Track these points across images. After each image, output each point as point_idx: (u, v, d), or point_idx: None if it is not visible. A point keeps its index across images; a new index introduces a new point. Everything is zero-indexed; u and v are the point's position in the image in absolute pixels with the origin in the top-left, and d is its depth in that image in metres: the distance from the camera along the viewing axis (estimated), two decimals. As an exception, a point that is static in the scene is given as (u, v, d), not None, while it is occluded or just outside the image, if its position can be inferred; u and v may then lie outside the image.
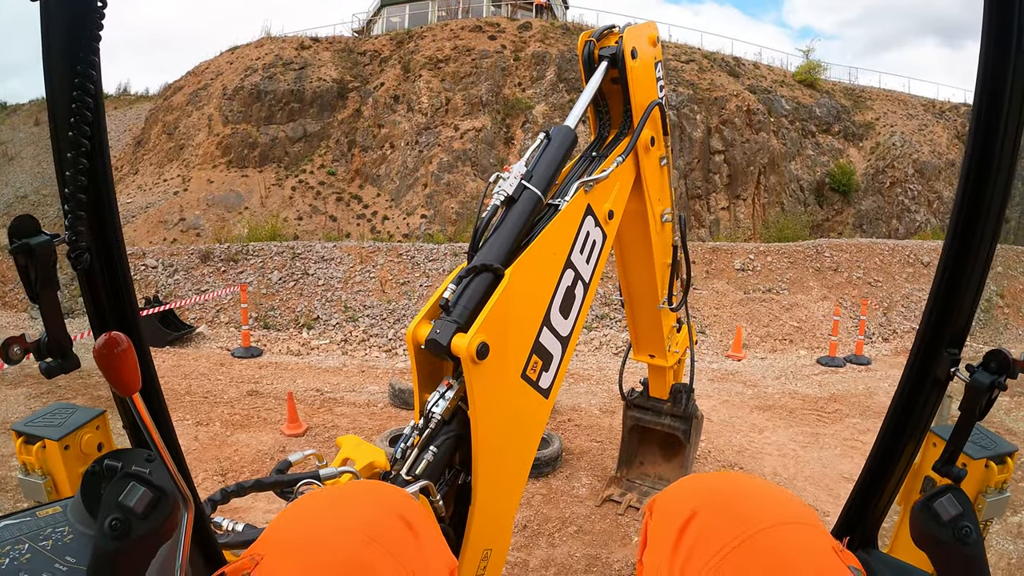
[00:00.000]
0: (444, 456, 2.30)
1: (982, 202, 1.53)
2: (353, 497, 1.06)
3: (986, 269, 1.60)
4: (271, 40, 28.59)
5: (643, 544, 1.17)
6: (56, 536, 1.15)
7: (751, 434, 8.21)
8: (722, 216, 23.83)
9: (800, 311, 14.28)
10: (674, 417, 5.92)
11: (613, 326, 13.49)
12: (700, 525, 1.02)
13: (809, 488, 6.68)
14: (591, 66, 3.56)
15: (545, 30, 27.05)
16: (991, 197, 1.52)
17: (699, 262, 15.24)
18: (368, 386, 10.12)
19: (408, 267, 14.81)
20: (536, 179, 2.68)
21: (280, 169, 24.80)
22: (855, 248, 16.52)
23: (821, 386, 10.78)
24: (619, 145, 3.48)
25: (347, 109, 26.13)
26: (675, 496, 1.14)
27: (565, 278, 2.74)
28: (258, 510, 5.63)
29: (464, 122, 24.12)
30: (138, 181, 25.54)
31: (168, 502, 0.84)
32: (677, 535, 1.03)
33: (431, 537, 1.05)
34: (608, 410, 8.90)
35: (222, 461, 6.93)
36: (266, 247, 15.26)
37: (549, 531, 5.64)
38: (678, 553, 1.02)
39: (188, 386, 9.62)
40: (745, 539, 0.95)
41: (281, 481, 2.04)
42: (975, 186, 1.52)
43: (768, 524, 0.97)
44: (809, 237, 19.37)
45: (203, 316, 13.51)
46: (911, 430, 1.78)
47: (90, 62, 1.05)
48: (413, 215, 22.57)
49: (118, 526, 0.82)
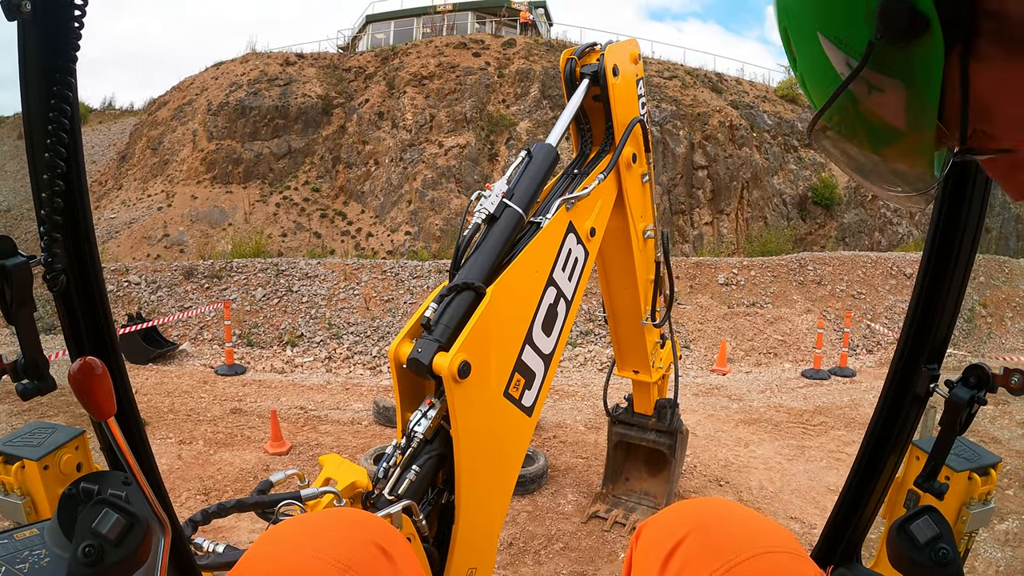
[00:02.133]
0: (427, 475, 2.29)
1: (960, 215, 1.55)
2: (329, 525, 1.06)
3: (964, 283, 1.62)
4: (256, 56, 28.61)
5: (627, 569, 1.17)
6: (33, 559, 1.14)
7: (737, 448, 8.22)
8: (705, 231, 23.97)
9: (784, 324, 14.35)
10: (659, 432, 5.92)
11: (597, 342, 13.50)
12: (685, 554, 1.02)
13: (795, 501, 6.69)
14: (573, 83, 3.58)
15: (529, 47, 27.22)
16: (968, 212, 1.54)
17: (683, 277, 15.30)
18: (352, 404, 10.06)
19: (392, 284, 14.78)
20: (518, 197, 2.69)
21: (264, 185, 24.76)
22: (838, 261, 16.64)
23: (806, 399, 10.81)
24: (601, 162, 3.50)
25: (332, 125, 26.16)
26: (661, 524, 1.14)
27: (547, 296, 2.74)
28: (242, 530, 5.57)
29: (448, 139, 24.19)
30: (122, 196, 25.43)
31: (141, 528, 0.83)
32: (663, 562, 1.04)
33: (409, 565, 1.04)
34: (593, 426, 8.88)
35: (205, 480, 6.86)
36: (250, 264, 15.19)
37: (535, 548, 5.61)
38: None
39: (171, 404, 9.52)
40: (730, 568, 0.95)
41: (262, 502, 2.02)
42: (952, 202, 1.54)
43: (753, 553, 0.97)
44: (792, 251, 19.50)
45: (186, 333, 13.40)
46: (892, 445, 1.79)
47: (67, 83, 1.06)
48: (397, 232, 22.57)
49: (91, 553, 0.81)
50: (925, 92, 0.69)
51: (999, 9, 0.61)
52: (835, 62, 0.74)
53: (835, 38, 0.72)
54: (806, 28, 0.76)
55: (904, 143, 0.78)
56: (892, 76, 0.70)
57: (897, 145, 0.79)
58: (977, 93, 0.67)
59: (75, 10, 1.04)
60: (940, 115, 0.70)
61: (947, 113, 0.70)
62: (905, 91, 0.71)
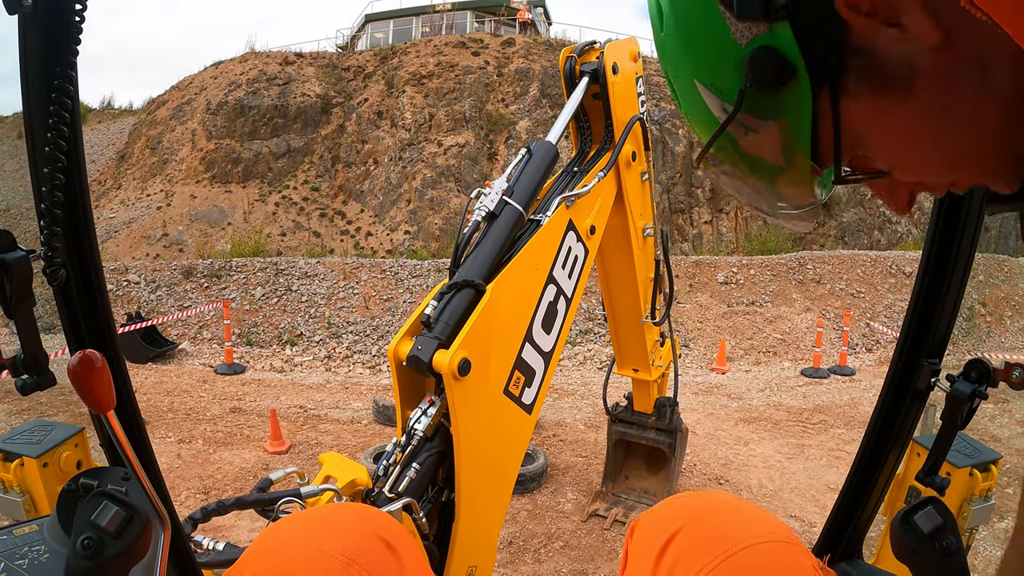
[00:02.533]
0: (427, 473, 2.29)
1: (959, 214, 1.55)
2: (334, 519, 1.06)
3: (964, 279, 1.62)
4: (255, 55, 28.58)
5: (624, 565, 1.17)
6: (32, 555, 1.14)
7: (736, 447, 8.22)
8: (705, 230, 23.96)
9: (784, 323, 14.35)
10: (659, 431, 5.92)
11: (597, 341, 13.50)
12: (681, 545, 1.02)
13: (795, 499, 6.69)
14: (572, 82, 3.57)
15: (528, 46, 27.20)
16: (967, 210, 1.54)
17: (682, 276, 15.29)
18: (352, 403, 10.06)
19: (392, 283, 14.77)
20: (518, 194, 2.68)
21: (263, 185, 24.74)
22: (837, 260, 16.63)
23: (806, 397, 10.82)
24: (600, 160, 3.50)
25: (331, 125, 26.13)
26: (656, 517, 1.14)
27: (547, 293, 2.74)
28: (242, 528, 5.56)
29: (447, 138, 24.17)
30: (121, 196, 25.40)
31: (140, 521, 0.83)
32: (658, 555, 1.04)
33: (413, 560, 1.04)
34: (593, 425, 8.88)
35: (205, 479, 6.86)
36: (249, 263, 15.17)
37: (535, 547, 5.61)
38: (659, 572, 1.02)
39: (170, 403, 9.52)
40: (726, 558, 0.95)
41: (262, 499, 2.02)
42: (951, 198, 1.54)
43: (749, 543, 0.97)
44: (792, 250, 19.48)
45: (186, 332, 13.39)
46: (893, 440, 1.80)
47: (67, 77, 1.05)
48: (397, 231, 22.55)
49: (90, 545, 0.81)
50: (796, 131, 0.74)
51: (868, 48, 0.65)
52: (712, 107, 0.79)
53: (710, 85, 0.77)
54: (684, 75, 0.80)
55: (782, 175, 0.83)
56: (764, 119, 0.75)
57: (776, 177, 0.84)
58: (849, 126, 0.72)
59: (76, 4, 1.03)
60: (817, 147, 0.75)
61: (822, 147, 0.75)
62: (778, 131, 0.76)
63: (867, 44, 0.65)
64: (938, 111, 0.67)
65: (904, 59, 0.64)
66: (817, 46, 0.67)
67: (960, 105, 0.66)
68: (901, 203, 0.85)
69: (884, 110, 0.69)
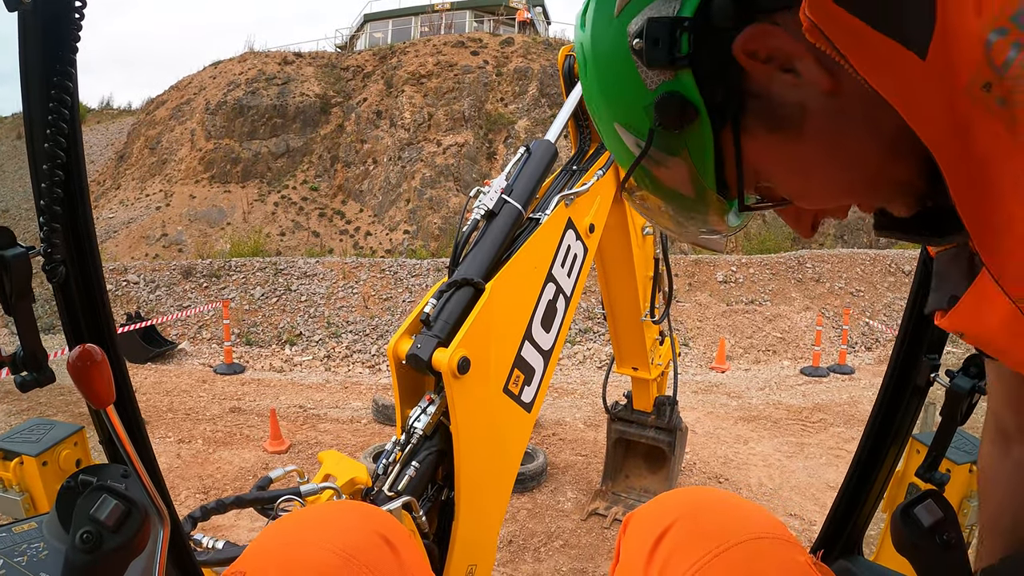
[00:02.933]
0: (426, 471, 2.28)
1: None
2: (335, 516, 1.06)
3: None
4: (254, 55, 28.56)
5: (616, 559, 1.17)
6: (31, 552, 1.14)
7: (736, 445, 8.22)
8: (704, 229, 23.92)
9: (783, 322, 14.35)
10: (658, 429, 5.91)
11: (596, 340, 13.50)
12: (673, 540, 1.02)
13: (795, 498, 6.69)
14: (571, 80, 3.57)
15: (527, 45, 27.19)
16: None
17: (681, 275, 15.30)
18: (351, 402, 10.06)
19: (391, 283, 14.77)
20: (517, 193, 2.68)
21: (263, 184, 24.73)
22: (836, 259, 16.63)
23: (805, 396, 10.82)
24: (599, 159, 3.49)
25: (330, 124, 26.12)
26: (650, 512, 1.14)
27: (546, 292, 2.74)
28: (241, 528, 5.56)
29: (447, 137, 24.16)
30: (120, 196, 25.38)
31: (139, 515, 0.83)
32: (650, 550, 1.04)
33: (413, 557, 1.04)
34: (593, 424, 8.88)
35: (204, 479, 6.86)
36: (248, 263, 15.17)
37: (535, 546, 5.61)
38: (651, 568, 1.02)
39: (170, 403, 9.52)
40: (719, 553, 0.96)
41: (261, 498, 2.02)
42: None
43: (742, 539, 0.97)
44: (791, 248, 19.48)
45: (185, 332, 13.39)
46: (893, 437, 1.79)
47: (67, 74, 1.06)
48: (396, 231, 22.54)
49: (89, 539, 0.81)
50: (701, 165, 0.83)
51: (763, 91, 0.73)
52: (628, 143, 0.87)
53: (626, 124, 0.86)
54: (605, 116, 0.89)
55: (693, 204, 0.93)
56: (672, 155, 0.83)
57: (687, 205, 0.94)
58: (750, 160, 0.80)
59: (75, 1, 1.04)
60: (723, 179, 0.84)
61: (727, 179, 0.84)
62: (685, 166, 0.84)
63: (763, 88, 0.72)
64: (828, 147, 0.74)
65: (797, 101, 0.71)
66: (717, 90, 0.75)
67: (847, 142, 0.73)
68: (805, 228, 0.98)
69: (779, 146, 0.77)
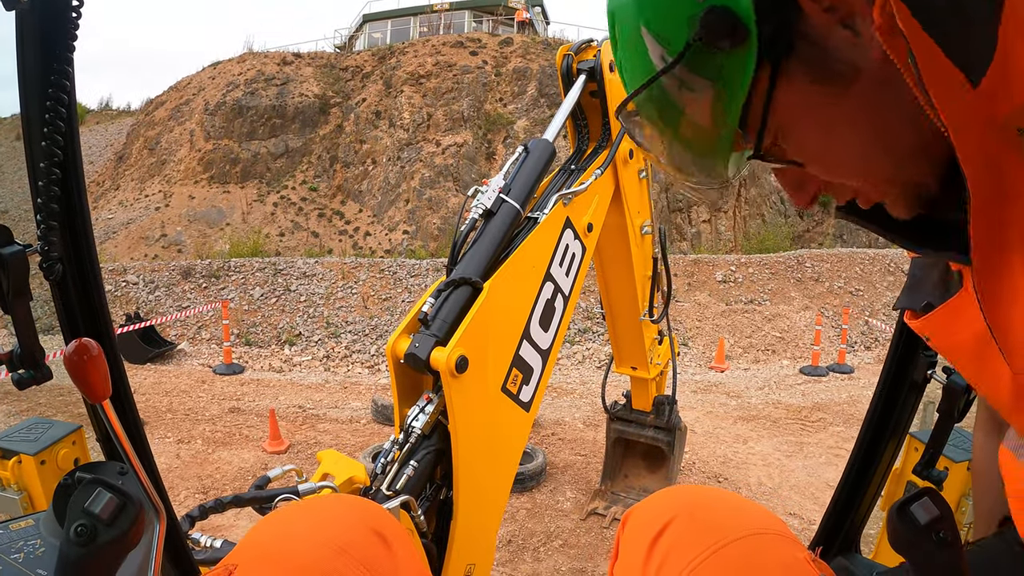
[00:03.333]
0: (425, 471, 2.28)
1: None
2: (327, 510, 1.06)
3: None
4: (253, 55, 28.55)
5: (615, 555, 1.17)
6: (28, 549, 1.14)
7: (735, 444, 8.22)
8: (703, 228, 23.94)
9: (782, 321, 14.35)
10: (658, 429, 5.92)
11: (595, 339, 13.50)
12: (672, 537, 1.02)
13: (795, 497, 6.69)
14: (570, 80, 3.57)
15: (526, 45, 27.18)
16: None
17: (680, 274, 15.30)
18: (351, 402, 10.06)
19: (390, 283, 14.77)
20: (515, 192, 2.68)
21: (262, 185, 24.72)
22: (836, 258, 16.63)
23: (804, 395, 10.82)
24: (598, 158, 3.50)
25: (329, 125, 26.11)
26: (648, 508, 1.14)
27: (545, 291, 2.74)
28: (240, 527, 5.56)
29: (446, 137, 24.15)
30: (119, 197, 25.37)
31: (134, 508, 0.83)
32: (649, 547, 1.04)
33: (406, 552, 1.04)
34: (592, 423, 8.89)
35: (204, 479, 6.86)
36: (248, 263, 15.17)
37: (534, 545, 5.61)
38: (650, 564, 1.02)
39: (169, 403, 9.52)
40: (717, 550, 0.95)
41: (259, 497, 2.02)
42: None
43: (741, 535, 0.97)
44: (790, 248, 19.50)
45: (184, 333, 13.39)
46: (891, 433, 1.80)
47: (64, 72, 1.06)
48: (395, 231, 22.53)
49: (84, 532, 0.81)
50: (731, 97, 0.74)
51: (818, 39, 0.68)
52: (652, 55, 0.78)
53: (656, 33, 0.76)
54: (631, 18, 0.80)
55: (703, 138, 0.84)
56: (703, 77, 0.75)
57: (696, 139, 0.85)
58: (779, 108, 0.74)
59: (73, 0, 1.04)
60: (742, 121, 0.76)
61: (749, 120, 0.76)
62: (713, 92, 0.76)
63: (819, 36, 0.67)
64: (866, 116, 0.70)
65: (849, 60, 0.67)
66: (772, 21, 0.68)
67: (887, 118, 0.69)
68: (806, 196, 0.88)
69: (816, 99, 0.72)
